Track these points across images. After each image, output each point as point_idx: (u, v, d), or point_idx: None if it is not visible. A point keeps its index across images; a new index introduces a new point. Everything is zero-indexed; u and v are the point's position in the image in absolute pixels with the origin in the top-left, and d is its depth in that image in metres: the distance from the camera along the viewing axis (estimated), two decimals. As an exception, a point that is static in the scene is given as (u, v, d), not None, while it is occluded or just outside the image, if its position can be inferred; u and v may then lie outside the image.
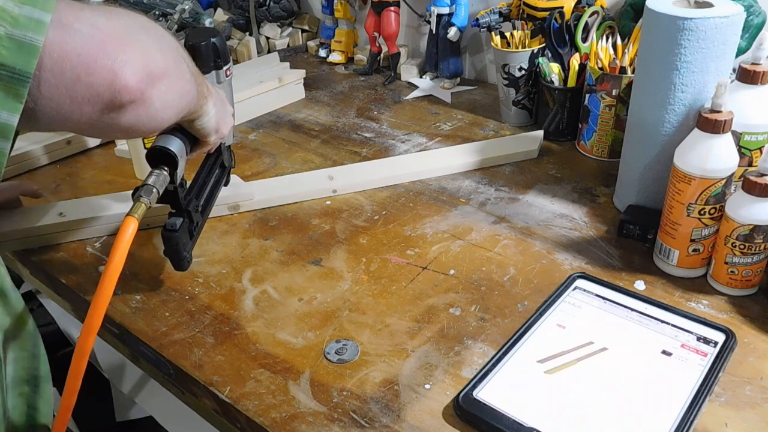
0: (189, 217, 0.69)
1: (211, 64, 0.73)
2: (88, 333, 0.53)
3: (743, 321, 0.66)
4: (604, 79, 0.91)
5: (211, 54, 0.72)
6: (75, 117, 0.45)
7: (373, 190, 0.91)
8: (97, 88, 0.44)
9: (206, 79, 0.65)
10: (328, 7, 1.38)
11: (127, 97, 0.46)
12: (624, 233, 0.79)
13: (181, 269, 0.70)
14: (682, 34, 0.70)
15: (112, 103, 0.45)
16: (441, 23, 1.19)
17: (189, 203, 0.69)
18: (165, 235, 0.66)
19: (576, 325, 0.65)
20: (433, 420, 0.56)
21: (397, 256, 0.77)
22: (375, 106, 1.19)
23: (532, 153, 0.98)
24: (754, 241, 0.65)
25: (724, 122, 0.65)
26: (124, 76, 0.45)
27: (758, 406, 0.56)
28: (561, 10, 1.01)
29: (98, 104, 0.45)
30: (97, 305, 0.52)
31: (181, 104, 0.54)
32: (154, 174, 0.61)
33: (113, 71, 0.44)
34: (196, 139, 0.66)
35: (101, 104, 0.45)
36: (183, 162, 0.64)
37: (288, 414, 0.57)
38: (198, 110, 0.61)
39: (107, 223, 0.83)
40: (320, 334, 0.66)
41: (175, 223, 0.66)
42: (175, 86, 0.51)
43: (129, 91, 0.45)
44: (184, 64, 0.54)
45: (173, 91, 0.51)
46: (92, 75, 0.43)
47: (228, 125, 0.69)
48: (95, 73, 0.44)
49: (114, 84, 0.45)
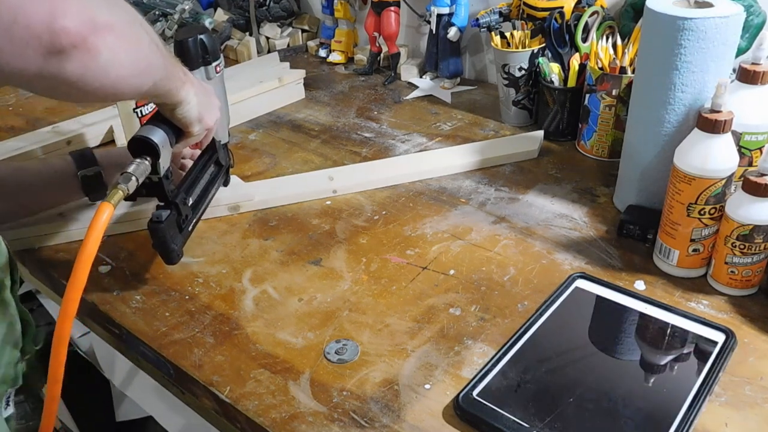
0: (177, 209, 0.68)
1: (200, 60, 0.73)
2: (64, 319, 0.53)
3: (743, 321, 0.66)
4: (604, 79, 0.91)
5: (199, 50, 0.73)
6: (19, 63, 0.44)
7: (373, 190, 0.91)
8: (35, 29, 0.43)
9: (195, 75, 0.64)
10: (328, 7, 1.38)
11: (67, 39, 0.45)
12: (624, 233, 0.79)
13: (171, 262, 0.70)
14: (682, 34, 0.70)
15: (52, 45, 0.44)
16: (441, 23, 1.19)
17: (176, 195, 0.68)
18: (151, 227, 0.66)
19: (576, 325, 0.65)
20: (433, 420, 0.56)
21: (397, 256, 0.77)
22: (375, 106, 1.19)
23: (532, 153, 0.98)
24: (754, 241, 0.65)
25: (724, 122, 0.65)
26: (63, 18, 0.44)
27: (758, 406, 0.56)
28: (561, 10, 1.01)
29: (39, 47, 0.44)
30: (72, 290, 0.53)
31: (139, 67, 0.53)
32: (135, 163, 0.61)
33: (51, 13, 0.43)
34: (181, 131, 0.66)
35: (42, 47, 0.44)
36: (167, 153, 0.64)
37: (288, 414, 0.57)
38: (175, 95, 0.60)
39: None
40: (320, 334, 0.66)
41: (161, 215, 0.66)
42: (126, 43, 0.50)
43: (68, 33, 0.44)
44: (142, 30, 0.53)
45: (123, 47, 0.50)
46: (29, 16, 0.43)
47: (213, 117, 0.69)
48: (32, 14, 0.43)
49: (52, 25, 0.44)
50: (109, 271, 0.77)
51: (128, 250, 0.80)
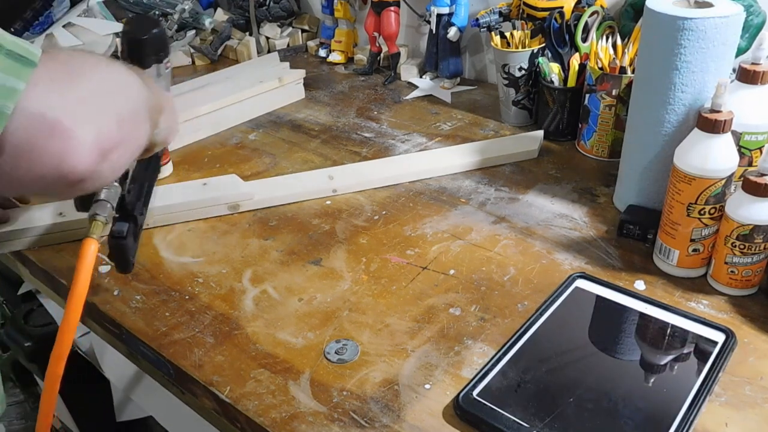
0: (134, 221, 0.66)
1: (153, 58, 0.69)
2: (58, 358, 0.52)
3: (743, 321, 0.66)
4: (604, 79, 0.91)
5: (154, 47, 0.68)
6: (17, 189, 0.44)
7: (373, 190, 0.91)
8: (40, 171, 0.41)
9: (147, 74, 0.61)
10: (328, 7, 1.38)
11: (76, 178, 0.43)
12: (624, 233, 0.79)
13: (126, 272, 0.67)
14: (682, 34, 0.70)
15: (58, 182, 0.43)
16: (441, 23, 1.19)
17: (134, 208, 0.66)
18: (112, 243, 0.64)
19: (576, 325, 0.65)
20: (433, 420, 0.56)
21: (397, 256, 0.77)
22: (375, 106, 1.19)
23: (532, 153, 0.98)
24: (754, 241, 0.65)
25: (724, 122, 0.65)
26: (72, 160, 0.42)
27: (758, 406, 0.57)
28: (561, 10, 1.01)
29: (39, 185, 0.43)
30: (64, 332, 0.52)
31: (134, 156, 0.52)
32: (105, 188, 0.60)
33: (60, 156, 0.41)
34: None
35: (43, 186, 0.43)
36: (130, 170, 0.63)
37: (288, 414, 0.57)
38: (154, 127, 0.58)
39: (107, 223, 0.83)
40: (320, 334, 0.66)
41: (123, 230, 0.64)
42: (129, 149, 0.49)
43: (77, 173, 0.43)
44: (144, 110, 0.51)
45: (127, 155, 0.49)
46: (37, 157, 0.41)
47: (175, 134, 0.65)
48: (41, 156, 0.41)
49: (61, 167, 0.42)
50: (109, 271, 0.77)
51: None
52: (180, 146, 1.05)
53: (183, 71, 1.40)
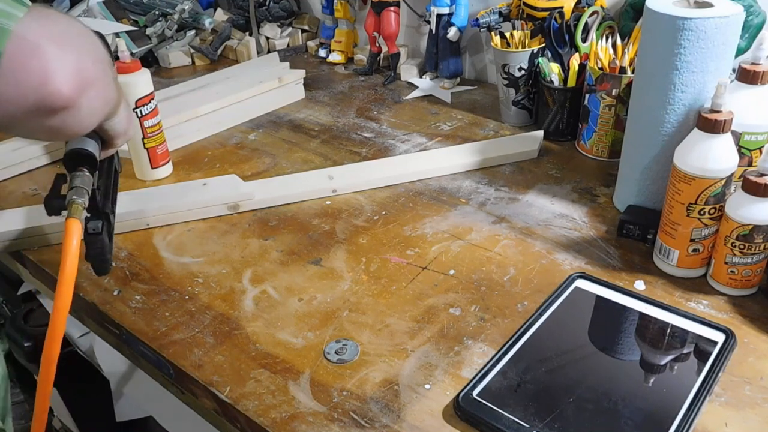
0: (107, 219, 0.65)
1: None
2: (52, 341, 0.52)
3: (743, 321, 0.66)
4: (604, 79, 0.91)
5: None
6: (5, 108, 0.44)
7: (373, 190, 0.91)
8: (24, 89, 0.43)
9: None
10: (328, 7, 1.38)
11: (59, 103, 0.45)
12: (624, 233, 0.79)
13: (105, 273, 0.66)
14: (682, 34, 0.70)
15: (40, 107, 0.44)
16: (441, 23, 1.19)
17: (105, 206, 0.66)
18: (89, 240, 0.63)
19: (576, 325, 0.65)
20: (433, 420, 0.56)
21: (397, 256, 0.77)
22: (375, 106, 1.19)
23: (532, 153, 0.98)
24: (753, 241, 0.65)
25: (724, 122, 0.65)
26: (56, 82, 0.44)
27: (758, 406, 0.57)
28: (561, 10, 1.01)
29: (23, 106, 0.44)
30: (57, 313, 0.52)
31: (105, 111, 0.53)
32: (78, 176, 0.60)
33: (45, 74, 0.43)
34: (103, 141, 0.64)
35: (27, 107, 0.44)
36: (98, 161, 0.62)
37: (288, 414, 0.57)
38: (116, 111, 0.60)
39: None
40: (320, 334, 0.66)
41: (98, 226, 0.63)
42: (102, 93, 0.51)
43: (61, 97, 0.45)
44: (111, 70, 0.53)
45: (100, 98, 0.50)
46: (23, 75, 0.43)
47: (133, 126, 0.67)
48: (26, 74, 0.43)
49: (44, 88, 0.43)
50: (108, 271, 0.77)
51: (128, 250, 0.81)
52: (180, 146, 1.06)
53: (183, 71, 1.40)
